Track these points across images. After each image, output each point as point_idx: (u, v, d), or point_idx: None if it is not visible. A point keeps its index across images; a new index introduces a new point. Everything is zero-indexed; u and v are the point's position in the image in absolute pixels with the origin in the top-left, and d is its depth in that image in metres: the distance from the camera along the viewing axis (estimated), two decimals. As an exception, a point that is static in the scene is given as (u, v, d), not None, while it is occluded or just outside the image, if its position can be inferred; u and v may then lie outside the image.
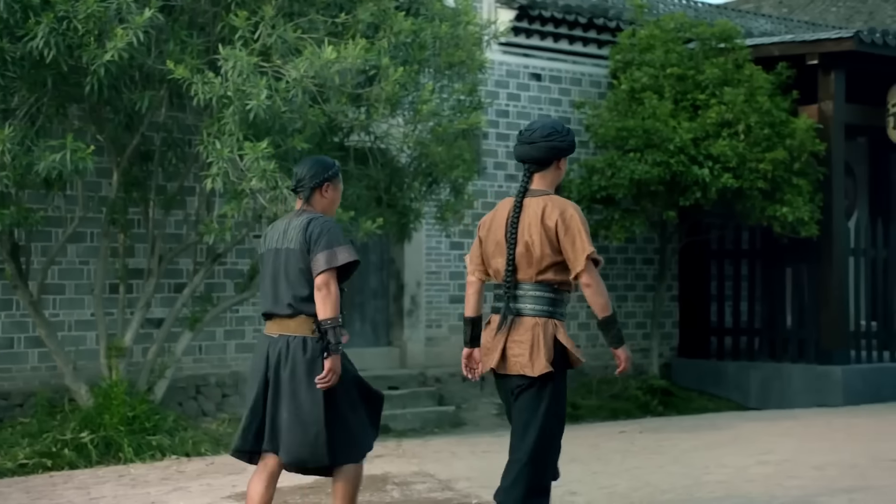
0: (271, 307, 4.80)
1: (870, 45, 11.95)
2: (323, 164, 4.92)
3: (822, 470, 7.15)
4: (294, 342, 4.69)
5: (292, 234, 4.75)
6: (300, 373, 4.65)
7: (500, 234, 4.58)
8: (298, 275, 4.70)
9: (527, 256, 4.50)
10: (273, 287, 4.79)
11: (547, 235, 4.47)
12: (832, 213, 12.31)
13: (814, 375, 12.31)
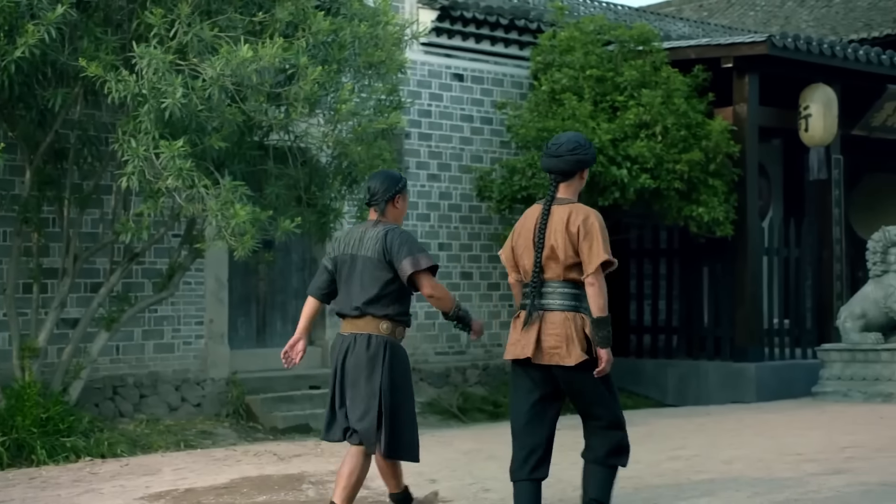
0: (344, 308, 5.34)
1: (782, 49, 12.24)
2: (393, 178, 5.45)
3: (730, 464, 7.33)
4: (360, 338, 5.22)
5: (369, 244, 5.26)
6: (368, 367, 5.18)
7: (529, 238, 5.05)
8: (372, 280, 5.23)
9: (553, 258, 4.98)
10: (347, 290, 5.30)
11: (570, 239, 4.95)
12: (746, 214, 12.59)
13: (729, 372, 12.59)
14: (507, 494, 6.42)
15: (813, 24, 20.40)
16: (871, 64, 13.11)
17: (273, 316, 11.71)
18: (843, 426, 9.33)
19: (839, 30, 19.60)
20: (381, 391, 5.15)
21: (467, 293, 12.90)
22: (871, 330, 11.84)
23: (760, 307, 12.85)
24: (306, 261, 11.92)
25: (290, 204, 9.13)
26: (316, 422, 10.40)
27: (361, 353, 5.20)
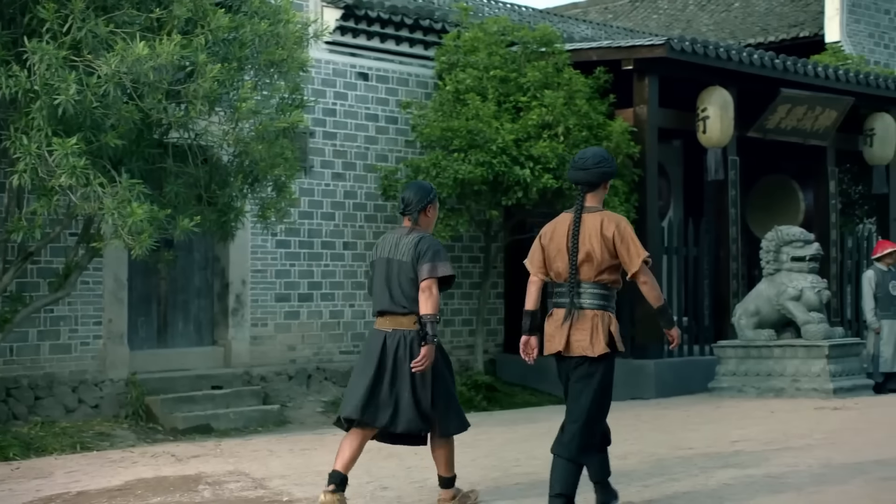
0: (386, 306, 5.93)
1: (680, 52, 12.51)
2: (426, 189, 6.08)
3: (624, 459, 7.47)
4: (409, 335, 5.85)
5: (404, 249, 5.89)
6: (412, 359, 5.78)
7: (562, 243, 5.59)
8: (409, 282, 5.85)
9: (588, 261, 5.52)
10: (387, 290, 5.92)
11: (605, 244, 5.50)
12: (646, 213, 12.83)
13: (630, 370, 12.77)
14: (405, 493, 6.49)
15: (713, 28, 20.88)
16: (765, 68, 13.47)
17: (175, 316, 11.58)
18: (735, 420, 9.59)
19: (738, 34, 20.10)
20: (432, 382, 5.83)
21: (372, 292, 12.91)
22: (764, 327, 12.17)
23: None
24: (209, 260, 11.82)
25: (190, 202, 9.05)
26: (217, 422, 10.33)
27: (416, 349, 5.79)
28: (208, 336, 11.79)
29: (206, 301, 11.79)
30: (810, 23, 19.25)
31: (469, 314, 13.75)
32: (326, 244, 12.58)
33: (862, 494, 6.00)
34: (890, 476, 6.55)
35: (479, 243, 13.67)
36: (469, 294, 13.80)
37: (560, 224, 5.67)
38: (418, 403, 5.81)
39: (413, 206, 5.96)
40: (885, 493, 6.00)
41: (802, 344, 11.81)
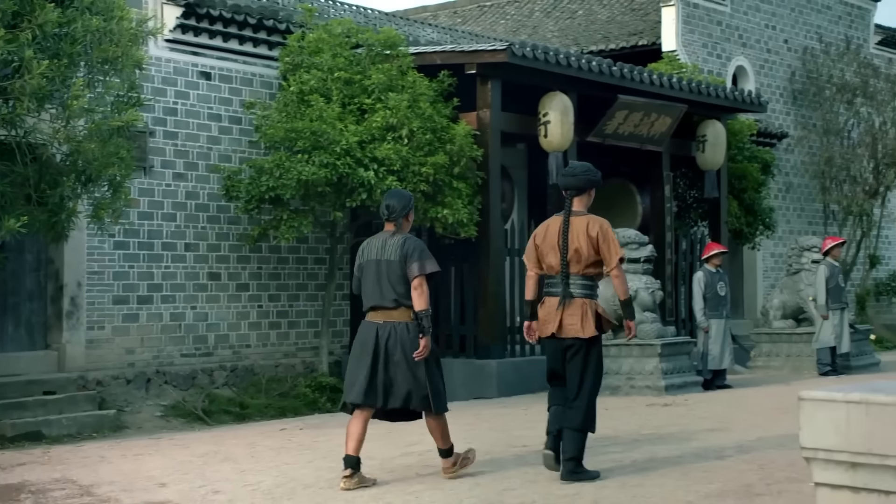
0: (377, 302, 6.60)
1: (521, 57, 12.77)
2: (406, 197, 6.83)
3: (459, 457, 7.59)
4: (400, 326, 6.56)
5: (391, 250, 6.56)
6: (408, 347, 6.51)
7: (554, 241, 6.52)
8: (397, 279, 6.51)
9: (577, 257, 6.47)
10: (378, 287, 6.58)
11: (591, 243, 6.46)
12: (489, 215, 13.05)
13: (473, 369, 13.00)
14: (236, 497, 6.43)
15: (558, 35, 21.36)
16: (603, 74, 13.88)
17: (4, 319, 11.18)
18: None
19: (581, 41, 20.62)
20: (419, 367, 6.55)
21: (215, 294, 12.75)
22: (602, 326, 12.52)
23: (503, 306, 13.35)
24: (42, 261, 11.45)
25: (18, 202, 8.76)
26: (49, 428, 10.02)
27: (404, 337, 6.52)
28: (41, 340, 11.43)
29: (39, 304, 11.42)
30: (649, 32, 19.91)
31: (314, 316, 13.72)
32: (167, 245, 12.35)
33: (679, 486, 6.25)
34: (709, 468, 6.84)
35: (325, 244, 13.65)
36: (314, 296, 13.76)
37: (552, 225, 6.63)
38: (412, 381, 6.57)
39: (397, 212, 6.65)
40: (700, 485, 6.27)
41: (636, 343, 12.19)
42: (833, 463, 4.07)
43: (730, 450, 7.59)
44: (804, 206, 22.42)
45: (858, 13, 24.05)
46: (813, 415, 4.13)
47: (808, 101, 22.28)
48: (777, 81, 21.86)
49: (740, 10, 20.84)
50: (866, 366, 14.64)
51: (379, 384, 6.57)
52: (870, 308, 22.50)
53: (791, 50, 22.17)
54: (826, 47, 22.52)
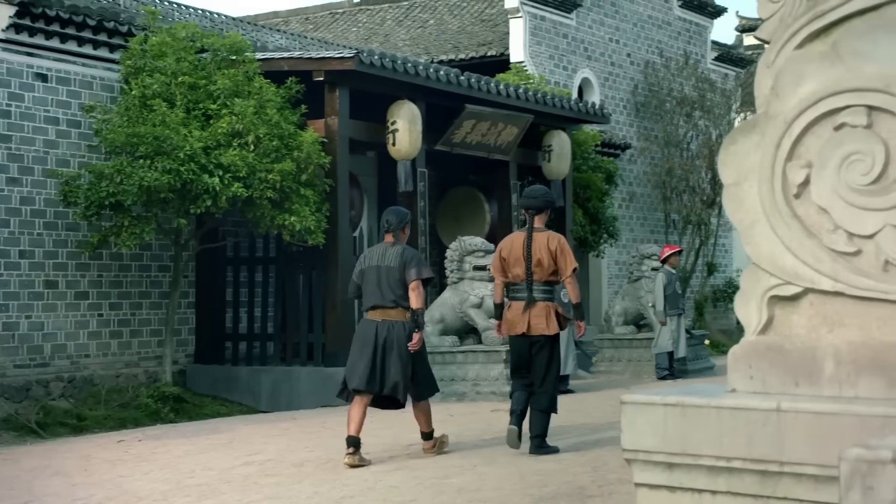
0: (378, 302, 7.63)
1: (369, 65, 12.81)
2: (403, 214, 7.91)
3: (300, 466, 7.56)
4: (396, 324, 7.61)
5: (391, 258, 7.62)
6: (402, 342, 7.57)
7: (519, 253, 7.64)
8: (396, 283, 7.58)
9: (539, 267, 7.59)
10: (378, 290, 7.61)
11: (550, 255, 7.60)
12: (337, 222, 13.04)
13: (321, 377, 12.95)
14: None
15: (409, 44, 21.50)
16: (451, 84, 14.05)
17: None
18: (414, 425, 9.84)
19: (431, 50, 20.82)
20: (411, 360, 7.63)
21: (52, 302, 12.35)
22: (448, 333, 12.65)
23: (352, 313, 13.34)
24: None
25: None
26: None
27: (400, 333, 7.58)
28: None
29: None
30: (497, 43, 20.25)
31: (158, 324, 13.42)
32: (0, 253, 11.89)
33: (515, 490, 6.37)
34: (545, 471, 7.00)
35: (169, 252, 13.38)
36: (158, 304, 13.47)
37: (516, 239, 7.78)
38: (401, 373, 7.56)
39: (394, 226, 7.73)
40: (535, 488, 6.40)
41: (483, 349, 12.37)
42: (651, 464, 4.22)
43: (567, 452, 7.77)
44: (646, 215, 23.16)
45: (696, 30, 25.02)
46: (633, 418, 4.27)
47: (650, 113, 23.05)
48: (621, 94, 22.53)
49: (585, 23, 21.41)
50: (702, 370, 15.22)
51: (377, 373, 7.56)
52: (707, 314, 23.39)
53: (634, 64, 22.89)
54: (666, 62, 23.35)
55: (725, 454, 4.00)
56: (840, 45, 4.00)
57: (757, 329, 4.31)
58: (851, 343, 4.06)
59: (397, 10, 23.40)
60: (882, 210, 3.99)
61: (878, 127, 3.95)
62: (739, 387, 4.30)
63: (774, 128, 4.22)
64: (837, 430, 3.70)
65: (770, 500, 3.95)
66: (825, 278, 4.10)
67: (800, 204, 4.20)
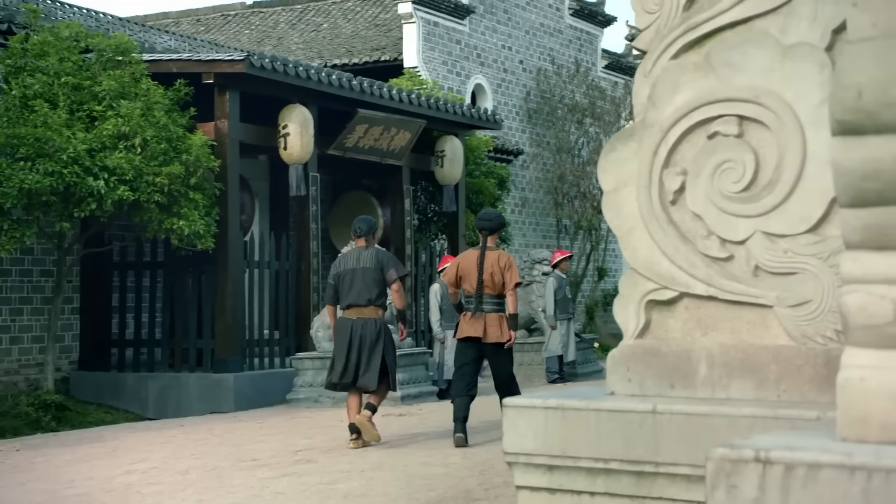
0: (354, 301, 8.53)
1: (260, 68, 12.68)
2: (372, 221, 9.07)
3: (185, 474, 7.44)
4: (369, 322, 8.55)
5: (366, 260, 8.55)
6: (372, 338, 8.50)
7: (472, 269, 8.64)
8: (373, 283, 8.50)
9: (490, 281, 8.60)
10: (355, 290, 8.50)
11: (500, 271, 8.63)
12: (227, 226, 12.86)
13: (209, 383, 12.76)
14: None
15: (302, 47, 21.37)
16: (343, 88, 14.00)
17: None
18: (304, 430, 9.84)
19: (325, 54, 20.73)
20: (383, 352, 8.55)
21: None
22: (340, 338, 12.59)
23: (242, 319, 13.18)
24: None
25: None
26: None
27: (372, 330, 8.51)
28: None
29: None
30: (391, 48, 20.27)
31: (40, 331, 13.05)
32: None
33: (401, 494, 6.38)
34: (432, 475, 7.02)
35: (52, 256, 13.02)
36: (40, 310, 13.10)
37: (469, 256, 8.83)
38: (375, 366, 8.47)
39: (366, 231, 8.78)
40: (422, 492, 6.42)
41: (375, 354, 12.34)
42: (533, 466, 4.28)
43: (455, 456, 7.82)
44: (539, 220, 23.44)
45: (587, 38, 25.44)
46: (515, 421, 4.32)
47: (542, 119, 23.35)
48: (513, 100, 22.77)
49: (478, 30, 21.58)
50: (591, 373, 15.46)
51: (351, 368, 8.48)
52: (598, 318, 23.79)
53: (526, 70, 23.16)
54: (558, 69, 23.68)
55: (604, 456, 4.07)
56: (713, 56, 4.12)
57: (635, 333, 4.41)
58: (723, 346, 4.18)
59: (290, 13, 23.23)
60: (752, 217, 4.12)
61: (749, 136, 4.08)
62: (618, 390, 4.39)
63: (651, 136, 4.32)
64: (708, 431, 3.80)
65: (646, 500, 4.04)
66: (699, 283, 4.21)
67: (676, 210, 4.31)
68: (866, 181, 3.01)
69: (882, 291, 3.33)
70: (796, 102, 3.90)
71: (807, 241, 3.97)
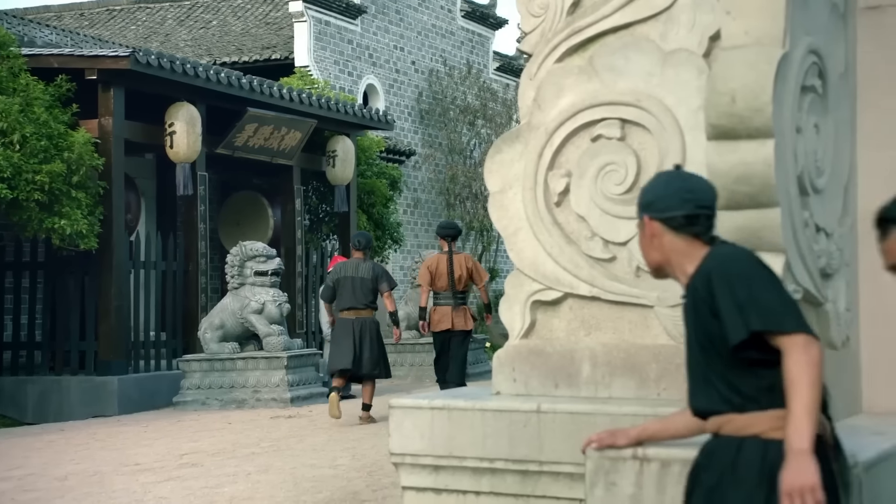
0: (353, 304, 10.13)
1: (146, 65, 12.42)
2: (370, 236, 11.05)
3: (64, 480, 7.23)
4: (367, 320, 10.15)
5: (363, 271, 10.17)
6: (371, 334, 10.13)
7: (444, 270, 10.45)
8: (368, 291, 10.15)
9: (459, 280, 10.47)
10: (353, 295, 10.11)
11: (469, 272, 10.55)
12: (112, 226, 12.55)
13: (92, 387, 12.44)
14: None
15: (191, 44, 21.01)
16: (232, 86, 13.81)
17: None
18: (191, 434, 9.67)
19: (214, 52, 20.42)
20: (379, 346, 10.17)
21: None
22: (229, 340, 12.42)
23: (127, 320, 12.88)
24: None
25: None
26: None
27: (371, 327, 10.16)
28: None
29: None
30: (282, 46, 20.08)
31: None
32: None
33: (288, 497, 6.32)
34: (320, 478, 6.97)
35: (-75, 257, 12.52)
36: (-88, 312, 12.58)
37: (440, 259, 10.60)
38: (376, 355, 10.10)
39: (364, 245, 10.44)
40: (309, 495, 6.37)
41: (263, 356, 12.22)
42: (419, 467, 4.27)
43: (344, 458, 7.78)
44: (431, 221, 23.51)
45: (479, 40, 25.62)
46: (401, 422, 4.31)
47: (435, 120, 23.42)
48: (405, 101, 22.79)
49: (370, 30, 21.53)
50: (482, 373, 15.54)
51: (357, 357, 9.98)
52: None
53: (418, 71, 23.20)
54: (450, 70, 23.79)
55: (489, 455, 4.09)
56: (596, 60, 4.18)
57: (520, 333, 4.45)
58: (606, 346, 4.24)
59: (178, 9, 22.80)
60: (634, 218, 4.19)
61: (631, 139, 4.15)
62: (503, 389, 4.42)
63: (537, 138, 4.36)
64: (591, 430, 3.84)
65: (530, 498, 4.07)
66: (583, 283, 4.27)
67: (560, 212, 4.36)
68: (739, 184, 3.09)
69: (755, 292, 3.43)
70: (676, 107, 3.98)
71: (685, 242, 4.05)
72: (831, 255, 3.85)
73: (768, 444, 2.65)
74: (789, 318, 2.66)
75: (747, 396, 2.72)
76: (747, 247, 2.93)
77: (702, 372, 2.81)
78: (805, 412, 2.58)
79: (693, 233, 2.87)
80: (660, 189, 2.94)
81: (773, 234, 3.35)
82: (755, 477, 2.65)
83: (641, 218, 3.02)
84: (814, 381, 2.60)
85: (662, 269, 2.99)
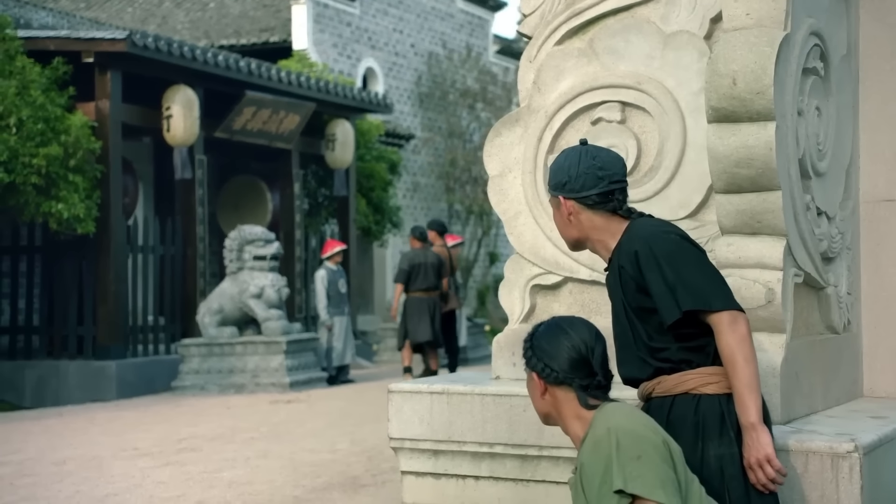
0: (426, 285, 12.16)
1: (143, 48, 12.35)
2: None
3: (62, 465, 7.22)
4: (435, 299, 12.28)
5: (430, 258, 12.31)
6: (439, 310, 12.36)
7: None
8: (435, 274, 12.28)
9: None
10: (426, 278, 12.17)
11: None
12: (110, 210, 12.50)
13: (90, 371, 12.42)
14: None
15: (188, 27, 20.92)
16: (230, 70, 13.74)
17: None
18: (189, 419, 9.66)
19: (212, 34, 20.32)
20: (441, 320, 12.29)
21: None
22: (227, 324, 12.41)
23: (125, 304, 12.85)
24: None
25: None
26: None
27: (439, 305, 12.18)
28: None
29: None
30: (280, 29, 19.98)
31: None
32: None
33: (287, 482, 6.31)
34: (319, 462, 6.96)
35: (-78, 241, 12.48)
36: None
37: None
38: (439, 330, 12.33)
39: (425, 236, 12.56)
40: (308, 479, 6.36)
41: (262, 340, 12.21)
42: (418, 451, 4.26)
43: (342, 442, 7.77)
44: (430, 205, 23.46)
45: (478, 23, 25.51)
46: (400, 406, 4.29)
47: (434, 104, 23.33)
48: (405, 84, 22.70)
49: (369, 12, 21.43)
50: (482, 358, 15.53)
51: (432, 327, 11.98)
52: (490, 303, 23.95)
53: (418, 54, 23.10)
54: (449, 54, 23.69)
55: (488, 440, 4.08)
56: (596, 42, 4.14)
57: (520, 317, 4.42)
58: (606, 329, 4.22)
59: (177, -9, 22.65)
60: (635, 202, 4.15)
61: (632, 122, 4.11)
62: (503, 374, 4.40)
63: (536, 121, 4.33)
64: (591, 414, 3.82)
65: (529, 483, 4.06)
66: (583, 268, 4.24)
67: (560, 195, 4.33)
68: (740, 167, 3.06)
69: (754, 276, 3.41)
70: (677, 89, 3.94)
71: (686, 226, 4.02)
72: (833, 238, 3.82)
73: (699, 398, 2.77)
74: (716, 296, 2.79)
75: (677, 361, 2.87)
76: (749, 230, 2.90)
77: (631, 342, 2.96)
78: (746, 388, 2.73)
79: (610, 209, 2.99)
80: (572, 168, 3.02)
81: (775, 217, 3.32)
82: (690, 431, 2.83)
83: (556, 197, 3.03)
84: (747, 357, 2.75)
85: (581, 243, 3.11)
